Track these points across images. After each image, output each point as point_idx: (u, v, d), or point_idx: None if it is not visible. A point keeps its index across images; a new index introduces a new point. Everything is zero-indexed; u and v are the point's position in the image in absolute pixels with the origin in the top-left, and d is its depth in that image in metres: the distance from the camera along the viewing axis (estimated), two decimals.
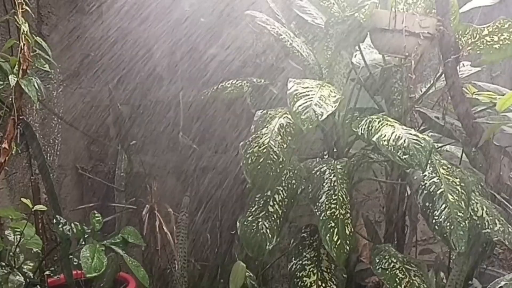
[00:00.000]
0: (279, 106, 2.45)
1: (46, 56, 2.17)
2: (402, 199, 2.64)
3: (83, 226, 2.28)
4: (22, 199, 2.16)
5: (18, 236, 2.17)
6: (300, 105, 2.08)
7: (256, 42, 3.06)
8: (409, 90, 2.37)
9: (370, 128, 2.19)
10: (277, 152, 2.20)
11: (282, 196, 2.38)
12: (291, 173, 2.43)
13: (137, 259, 2.30)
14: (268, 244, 2.28)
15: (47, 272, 2.41)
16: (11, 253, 2.18)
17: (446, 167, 2.20)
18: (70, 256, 2.31)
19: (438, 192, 2.10)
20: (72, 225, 2.26)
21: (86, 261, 2.11)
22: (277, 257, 3.08)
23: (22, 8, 2.10)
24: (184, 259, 2.75)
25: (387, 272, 2.23)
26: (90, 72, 2.87)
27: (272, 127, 2.28)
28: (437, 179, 2.14)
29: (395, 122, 2.19)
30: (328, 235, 2.16)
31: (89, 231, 2.28)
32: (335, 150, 2.62)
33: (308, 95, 2.13)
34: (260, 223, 2.30)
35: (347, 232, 2.18)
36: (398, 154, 2.00)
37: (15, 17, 2.08)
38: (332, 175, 2.31)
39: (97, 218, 2.31)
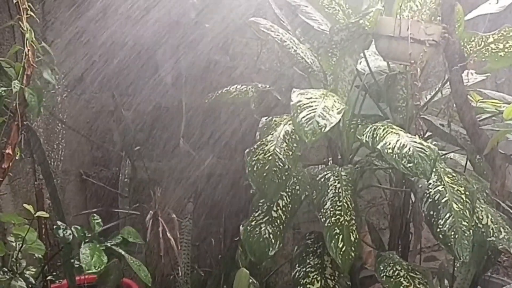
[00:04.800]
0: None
1: (51, 62, 2.17)
2: (406, 206, 2.64)
3: (83, 230, 2.28)
4: (24, 205, 2.16)
5: (21, 242, 2.16)
6: (303, 117, 2.07)
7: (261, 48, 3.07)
8: (414, 97, 2.37)
9: (374, 135, 2.18)
10: (283, 159, 2.20)
11: (286, 201, 2.38)
12: (295, 179, 2.43)
13: None
14: (270, 249, 2.28)
15: (49, 277, 2.40)
16: (13, 259, 2.18)
17: (451, 176, 2.19)
18: (72, 261, 2.31)
19: (443, 200, 2.10)
20: (73, 229, 2.26)
21: (85, 258, 2.11)
22: (281, 264, 3.08)
23: (26, 14, 2.11)
24: (188, 266, 2.75)
25: (392, 279, 2.23)
26: (95, 77, 2.87)
27: (277, 134, 2.28)
28: (442, 187, 2.13)
29: (400, 130, 2.19)
30: (333, 241, 2.15)
31: (90, 235, 2.28)
32: (339, 156, 2.61)
33: (312, 106, 2.12)
34: (263, 228, 2.30)
35: (352, 238, 2.17)
36: (403, 162, 1.99)
37: (20, 22, 2.09)
38: (337, 181, 2.31)
39: (97, 221, 2.31)
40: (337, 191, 2.27)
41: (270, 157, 2.21)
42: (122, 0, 2.75)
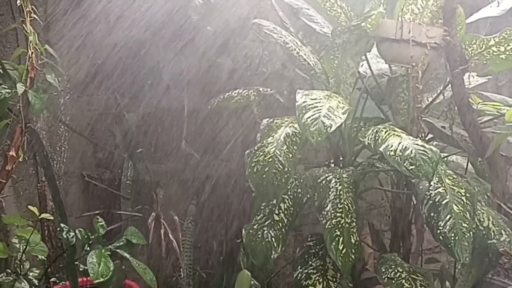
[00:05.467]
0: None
1: (54, 64, 2.18)
2: (408, 208, 2.64)
3: (87, 232, 2.29)
4: (29, 206, 2.17)
5: (24, 244, 2.17)
6: (309, 117, 2.07)
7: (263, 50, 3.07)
8: (416, 99, 2.37)
9: (376, 138, 2.18)
10: (283, 161, 2.20)
11: (288, 204, 2.38)
12: (297, 181, 2.44)
13: None
14: (273, 252, 2.28)
15: (52, 279, 2.41)
16: (17, 260, 2.19)
17: (451, 178, 2.20)
18: (76, 263, 2.32)
19: (443, 202, 2.10)
20: (77, 231, 2.27)
21: (93, 267, 2.12)
22: (283, 265, 3.08)
23: (30, 17, 2.11)
24: (190, 267, 2.75)
25: (393, 281, 2.23)
26: (97, 80, 2.87)
27: (278, 136, 2.28)
28: (443, 189, 2.14)
29: (402, 132, 2.19)
30: (334, 243, 2.16)
31: (93, 238, 2.29)
32: (341, 159, 2.62)
33: (317, 106, 2.13)
34: (266, 231, 2.30)
35: (353, 241, 2.18)
36: (405, 164, 2.00)
37: (23, 25, 2.10)
38: (338, 184, 2.31)
39: (101, 224, 2.32)
40: (338, 193, 2.28)
41: (270, 159, 2.21)
42: (124, 2, 2.75)
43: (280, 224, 2.33)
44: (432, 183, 2.15)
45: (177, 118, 3.01)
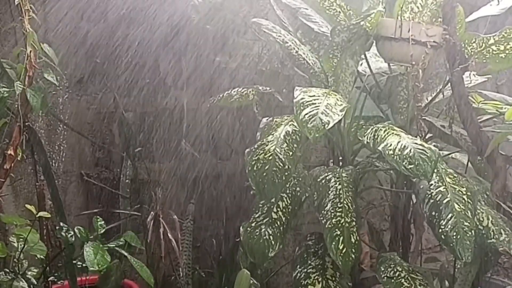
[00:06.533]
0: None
1: (52, 63, 2.18)
2: (407, 208, 2.64)
3: (86, 231, 2.28)
4: (27, 205, 2.16)
5: (22, 243, 2.17)
6: (306, 114, 2.07)
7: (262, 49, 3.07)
8: (415, 98, 2.37)
9: (375, 137, 2.18)
10: (283, 159, 2.20)
11: (286, 203, 2.38)
12: (295, 180, 2.43)
13: None
14: (270, 250, 2.28)
15: (51, 278, 2.40)
16: (15, 259, 2.18)
17: (452, 176, 2.19)
18: (74, 262, 2.32)
19: (445, 201, 2.10)
20: (76, 230, 2.26)
21: (89, 256, 2.12)
22: (282, 264, 3.08)
23: (28, 16, 2.11)
24: (189, 266, 2.75)
25: (393, 280, 2.23)
26: (96, 78, 2.87)
27: (278, 134, 2.28)
28: (444, 188, 2.13)
29: (401, 131, 2.19)
30: (334, 243, 2.15)
31: (92, 237, 2.29)
32: (340, 158, 2.62)
33: (315, 103, 2.12)
34: (263, 229, 2.30)
35: (353, 240, 2.17)
36: (404, 163, 1.99)
37: (22, 24, 2.09)
38: (338, 183, 2.31)
39: (100, 223, 2.32)
40: (337, 192, 2.27)
41: (270, 157, 2.20)
42: (123, 1, 2.74)
43: (278, 223, 2.33)
44: (433, 182, 2.15)
45: (176, 117, 3.00)
